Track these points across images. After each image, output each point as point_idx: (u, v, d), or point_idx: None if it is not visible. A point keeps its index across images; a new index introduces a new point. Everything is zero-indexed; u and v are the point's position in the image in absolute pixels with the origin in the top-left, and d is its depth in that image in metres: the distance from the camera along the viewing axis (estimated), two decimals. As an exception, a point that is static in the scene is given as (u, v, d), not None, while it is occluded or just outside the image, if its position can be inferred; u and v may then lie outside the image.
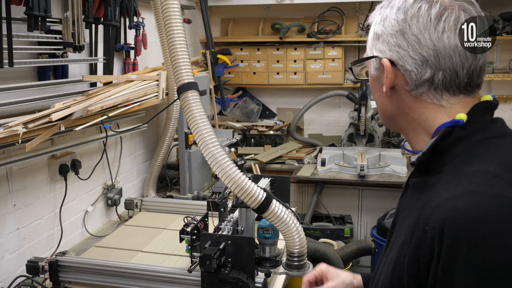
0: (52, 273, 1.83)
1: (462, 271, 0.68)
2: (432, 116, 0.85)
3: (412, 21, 0.82)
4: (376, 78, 0.90)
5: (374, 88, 0.93)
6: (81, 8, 2.11)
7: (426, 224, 0.74)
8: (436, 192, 0.77)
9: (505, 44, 3.80)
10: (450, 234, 0.69)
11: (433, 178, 0.81)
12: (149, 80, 2.59)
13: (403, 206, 0.90)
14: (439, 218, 0.71)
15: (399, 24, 0.83)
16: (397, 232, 0.87)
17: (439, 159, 0.82)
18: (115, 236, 2.40)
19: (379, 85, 0.89)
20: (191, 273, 1.70)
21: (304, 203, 4.06)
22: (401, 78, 0.85)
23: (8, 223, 1.94)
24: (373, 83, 0.92)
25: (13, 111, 1.83)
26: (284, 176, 2.15)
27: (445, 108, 0.84)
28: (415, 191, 0.86)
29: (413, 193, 0.87)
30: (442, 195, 0.75)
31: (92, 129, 2.36)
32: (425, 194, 0.80)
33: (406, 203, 0.89)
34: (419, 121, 0.86)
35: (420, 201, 0.80)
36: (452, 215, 0.70)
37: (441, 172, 0.80)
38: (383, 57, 0.85)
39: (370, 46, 0.90)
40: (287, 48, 4.08)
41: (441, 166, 0.81)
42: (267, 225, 1.80)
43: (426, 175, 0.84)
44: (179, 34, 1.76)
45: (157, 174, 3.03)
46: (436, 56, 0.81)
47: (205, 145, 1.68)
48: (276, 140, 4.12)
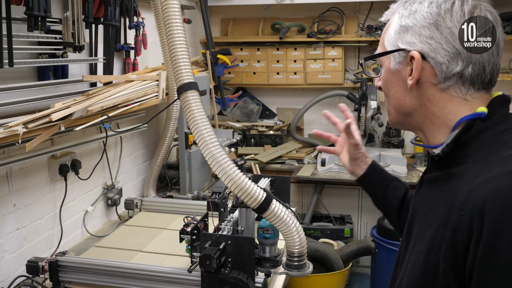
0: (52, 273, 1.83)
1: (508, 246, 0.69)
2: (455, 109, 0.86)
3: (446, 15, 0.84)
4: (396, 72, 0.91)
5: (391, 83, 0.92)
6: (81, 8, 2.11)
7: (462, 209, 0.75)
8: (467, 179, 0.78)
9: (505, 44, 3.78)
10: (493, 213, 0.70)
11: (458, 169, 0.83)
12: (149, 80, 2.59)
13: (421, 202, 0.91)
14: (477, 200, 0.73)
15: (432, 16, 0.84)
16: (419, 227, 0.88)
17: (462, 150, 0.84)
18: (115, 236, 2.40)
19: (398, 79, 0.90)
20: (191, 273, 1.71)
21: (304, 203, 4.06)
22: (429, 71, 0.86)
23: (8, 223, 1.94)
24: (391, 78, 0.92)
25: (13, 111, 1.83)
26: (284, 176, 2.15)
27: (468, 102, 0.86)
28: (436, 185, 0.87)
29: (433, 188, 0.88)
30: (476, 180, 0.76)
31: (92, 129, 2.36)
32: (452, 184, 0.82)
33: (425, 198, 0.90)
34: (439, 114, 0.88)
35: (446, 192, 0.82)
36: (493, 195, 0.72)
37: (467, 163, 0.82)
38: (413, 49, 0.86)
39: (392, 40, 0.90)
40: (287, 48, 4.08)
41: (465, 158, 0.83)
42: (267, 225, 1.80)
43: (447, 168, 0.85)
44: (179, 34, 1.76)
45: (157, 174, 3.03)
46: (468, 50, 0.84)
47: (205, 145, 1.68)
48: (276, 140, 4.12)
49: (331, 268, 3.36)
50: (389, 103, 0.95)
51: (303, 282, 3.16)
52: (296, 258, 1.76)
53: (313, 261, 1.89)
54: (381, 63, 0.95)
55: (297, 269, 1.75)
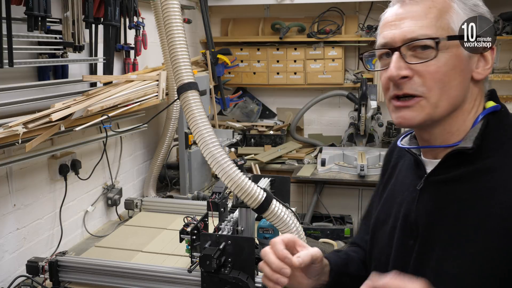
0: (52, 273, 1.83)
1: None
2: (478, 108, 0.88)
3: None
4: (466, 61, 0.84)
5: (458, 72, 0.84)
6: (81, 8, 2.11)
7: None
8: (506, 177, 0.78)
9: (505, 44, 3.80)
10: None
11: (485, 164, 0.82)
12: (149, 80, 2.59)
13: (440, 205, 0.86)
14: None
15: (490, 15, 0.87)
16: (450, 230, 0.83)
17: (483, 145, 0.83)
18: (115, 236, 2.40)
19: (466, 69, 0.84)
20: (191, 273, 1.71)
21: (304, 203, 4.06)
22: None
23: (8, 223, 1.94)
24: (459, 66, 0.84)
25: (13, 111, 1.83)
26: (284, 176, 2.15)
27: (482, 101, 0.90)
28: (460, 184, 0.84)
29: (455, 188, 0.85)
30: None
31: (92, 129, 2.36)
32: (490, 181, 0.80)
33: (445, 200, 0.86)
34: (469, 112, 0.87)
35: (485, 189, 0.80)
36: None
37: (494, 157, 0.82)
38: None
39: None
40: (287, 48, 4.08)
41: (490, 152, 0.82)
42: (267, 225, 1.80)
43: (465, 166, 0.84)
44: (179, 34, 1.76)
45: (157, 174, 3.03)
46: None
47: (205, 145, 1.68)
48: (276, 140, 4.12)
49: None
50: (443, 95, 0.84)
51: (303, 282, 3.16)
52: (296, 258, 1.76)
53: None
54: (440, 48, 0.82)
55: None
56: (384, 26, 0.89)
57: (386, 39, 0.87)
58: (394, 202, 0.98)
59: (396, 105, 0.87)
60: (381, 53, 0.89)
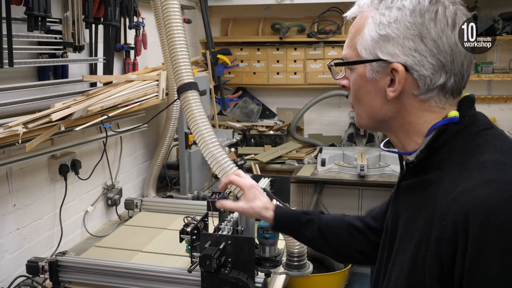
0: (52, 273, 1.83)
1: (494, 257, 0.68)
2: (431, 118, 0.84)
3: (430, 25, 0.80)
4: (372, 81, 0.85)
5: (366, 91, 0.87)
6: (81, 8, 2.11)
7: (444, 220, 0.74)
8: (446, 187, 0.77)
9: (505, 44, 3.80)
10: (476, 224, 0.69)
11: (434, 175, 0.82)
12: (149, 80, 2.59)
13: (401, 210, 0.89)
14: (459, 211, 0.72)
15: (417, 27, 0.80)
16: (401, 236, 0.86)
17: (436, 156, 0.83)
18: (115, 236, 2.40)
19: (374, 88, 0.85)
20: (191, 273, 1.71)
21: (304, 203, 4.06)
22: (410, 82, 0.82)
23: (8, 223, 1.94)
24: (366, 86, 0.87)
25: (13, 111, 1.83)
26: (284, 176, 2.14)
27: (445, 110, 0.85)
28: (413, 192, 0.86)
29: (410, 195, 0.87)
30: (455, 188, 0.75)
31: (92, 129, 2.36)
32: (430, 192, 0.80)
33: (405, 206, 0.88)
34: (415, 123, 0.85)
35: (427, 200, 0.80)
36: (474, 205, 0.71)
37: (442, 168, 0.81)
38: (395, 61, 0.81)
39: (370, 48, 0.84)
40: (287, 48, 4.08)
41: (440, 162, 0.82)
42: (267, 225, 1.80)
43: (423, 174, 0.84)
44: (179, 34, 1.76)
45: (157, 174, 3.03)
46: (452, 61, 0.81)
47: (205, 145, 1.68)
48: (276, 140, 4.12)
49: (331, 268, 3.36)
50: (361, 109, 0.90)
51: (303, 282, 3.16)
52: (296, 258, 1.76)
53: (313, 261, 1.89)
54: (351, 67, 0.88)
55: (297, 269, 1.76)
56: None
57: None
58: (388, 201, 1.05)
59: None
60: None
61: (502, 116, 3.94)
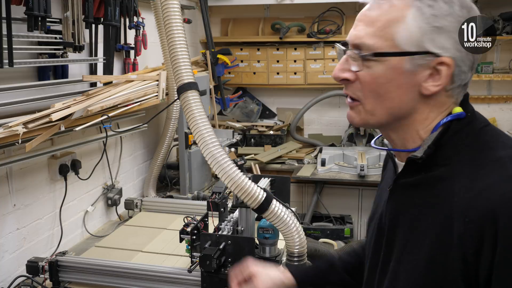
0: (52, 273, 1.83)
1: None
2: (441, 113, 0.84)
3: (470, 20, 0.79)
4: (409, 74, 0.80)
5: (398, 84, 0.81)
6: (81, 8, 2.11)
7: (466, 216, 0.74)
8: (462, 184, 0.77)
9: (505, 44, 3.80)
10: (505, 219, 0.70)
11: (441, 172, 0.81)
12: (149, 80, 2.59)
13: (400, 208, 0.88)
14: (484, 207, 0.72)
15: (461, 22, 0.78)
16: (406, 235, 0.85)
17: (441, 152, 0.82)
18: (115, 236, 2.40)
19: (409, 82, 0.81)
20: (191, 273, 1.71)
21: (304, 203, 4.06)
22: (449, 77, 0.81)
23: (8, 223, 1.94)
24: (398, 79, 0.81)
25: (13, 111, 1.83)
26: (284, 176, 2.15)
27: (450, 106, 0.85)
28: (418, 190, 0.84)
29: (413, 193, 0.85)
30: (475, 185, 0.75)
31: (92, 129, 2.36)
32: (442, 189, 0.80)
33: (406, 204, 0.87)
34: (430, 119, 0.84)
35: (438, 197, 0.80)
36: (501, 201, 0.72)
37: (449, 165, 0.80)
38: (446, 55, 0.79)
39: (417, 39, 0.78)
40: (287, 48, 4.08)
41: (446, 159, 0.81)
42: (267, 225, 1.80)
43: (426, 172, 0.83)
44: (179, 34, 1.76)
45: (157, 174, 3.03)
46: (476, 59, 0.82)
47: (205, 145, 1.68)
48: (276, 140, 4.12)
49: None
50: (378, 104, 0.83)
51: (303, 282, 3.16)
52: (296, 258, 1.76)
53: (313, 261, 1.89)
54: (379, 59, 0.81)
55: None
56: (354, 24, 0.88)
57: (347, 37, 0.87)
58: (377, 202, 1.02)
59: (346, 102, 0.90)
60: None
61: (502, 116, 3.94)
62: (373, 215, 1.02)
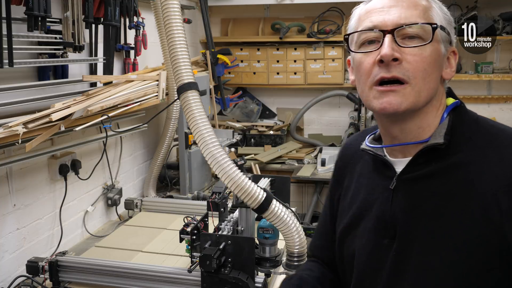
0: (52, 273, 1.83)
1: None
2: (443, 101, 0.92)
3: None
4: (442, 58, 0.88)
5: (437, 66, 0.87)
6: (81, 8, 2.11)
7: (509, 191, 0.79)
8: (491, 164, 0.82)
9: (505, 44, 3.80)
10: None
11: (458, 158, 0.85)
12: (149, 80, 2.59)
13: (417, 200, 0.87)
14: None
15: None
16: (433, 223, 0.84)
17: (451, 140, 0.86)
18: (115, 236, 2.40)
19: (441, 65, 0.88)
20: (191, 273, 1.70)
21: (304, 203, 4.06)
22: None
23: (8, 223, 1.94)
24: (438, 61, 0.87)
25: (13, 111, 1.83)
26: (284, 176, 2.15)
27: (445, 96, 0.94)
28: (434, 179, 0.86)
29: (431, 183, 0.86)
30: (506, 163, 0.81)
31: (92, 129, 2.36)
32: (468, 173, 0.83)
33: (424, 195, 0.86)
34: (439, 106, 0.91)
35: (465, 182, 0.83)
36: None
37: (464, 151, 0.85)
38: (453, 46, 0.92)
39: (445, 23, 0.89)
40: (287, 48, 4.08)
41: (458, 146, 0.85)
42: (267, 225, 1.80)
43: (436, 162, 0.86)
44: (179, 34, 1.76)
45: (157, 174, 3.03)
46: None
47: (205, 145, 1.68)
48: (276, 140, 4.12)
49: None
50: (425, 85, 0.85)
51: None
52: (296, 258, 1.76)
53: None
54: (429, 38, 0.85)
55: (297, 269, 1.75)
56: (370, 12, 0.88)
57: (375, 23, 0.86)
58: (363, 205, 0.98)
59: (380, 90, 0.86)
60: (366, 38, 0.88)
61: (502, 116, 3.94)
62: (353, 223, 0.99)
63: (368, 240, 0.94)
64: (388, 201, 0.91)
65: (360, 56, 0.89)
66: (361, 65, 0.88)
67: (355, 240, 0.98)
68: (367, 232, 0.95)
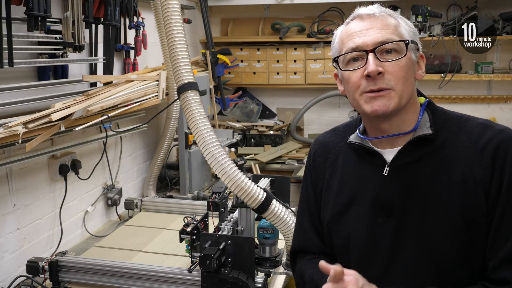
0: (52, 273, 1.83)
1: None
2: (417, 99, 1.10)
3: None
4: (413, 64, 1.05)
5: (411, 72, 1.05)
6: (81, 8, 2.11)
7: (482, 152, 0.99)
8: (469, 142, 1.01)
9: (505, 44, 3.80)
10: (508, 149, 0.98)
11: (441, 142, 1.03)
12: (149, 80, 2.59)
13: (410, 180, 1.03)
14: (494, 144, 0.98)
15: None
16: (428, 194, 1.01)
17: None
18: (115, 236, 2.40)
19: (414, 69, 1.06)
20: (191, 273, 1.71)
21: (304, 203, 4.05)
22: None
23: (8, 223, 1.94)
24: (412, 67, 1.05)
25: (13, 111, 1.83)
26: (284, 176, 2.15)
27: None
28: (424, 161, 1.03)
29: (420, 165, 1.03)
30: (482, 138, 1.00)
31: (92, 129, 2.36)
32: (449, 152, 1.02)
33: (418, 176, 1.03)
34: (416, 103, 1.09)
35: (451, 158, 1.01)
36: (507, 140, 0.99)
37: (441, 137, 1.04)
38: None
39: (412, 36, 1.05)
40: (287, 48, 4.08)
41: (437, 133, 1.04)
42: (267, 225, 1.80)
43: (424, 147, 1.04)
44: (179, 34, 1.76)
45: (157, 174, 3.03)
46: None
47: (205, 145, 1.68)
48: (276, 140, 4.12)
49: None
50: (407, 87, 1.03)
51: (303, 282, 3.16)
52: (296, 258, 1.75)
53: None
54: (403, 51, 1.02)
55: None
56: (352, 35, 1.05)
57: (357, 44, 1.03)
58: (353, 192, 1.10)
59: (370, 96, 1.03)
60: (351, 57, 1.05)
61: (502, 116, 3.94)
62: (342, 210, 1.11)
63: (364, 221, 1.07)
64: (383, 184, 1.05)
65: (349, 72, 1.05)
66: (349, 80, 1.05)
67: (347, 224, 1.10)
68: (362, 214, 1.07)
